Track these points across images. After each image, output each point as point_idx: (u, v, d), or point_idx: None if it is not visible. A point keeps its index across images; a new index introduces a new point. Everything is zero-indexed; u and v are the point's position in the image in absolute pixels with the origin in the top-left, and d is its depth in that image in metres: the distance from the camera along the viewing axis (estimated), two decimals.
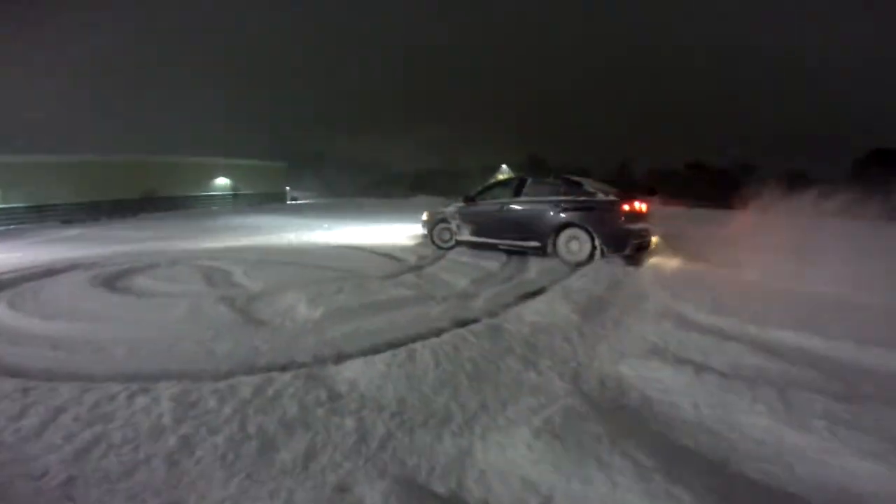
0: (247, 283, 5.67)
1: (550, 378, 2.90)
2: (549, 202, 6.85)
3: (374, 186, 41.36)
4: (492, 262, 6.64)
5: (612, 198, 6.56)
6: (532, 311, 4.29)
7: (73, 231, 18.07)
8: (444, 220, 7.98)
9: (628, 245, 6.39)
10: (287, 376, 2.77)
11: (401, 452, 2.14)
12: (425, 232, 8.47)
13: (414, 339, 3.55)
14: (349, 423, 2.33)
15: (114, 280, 6.26)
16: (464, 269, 6.20)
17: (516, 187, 7.28)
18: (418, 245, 8.68)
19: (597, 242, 6.41)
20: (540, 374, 2.94)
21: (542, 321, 4.00)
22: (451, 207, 7.98)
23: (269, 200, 34.09)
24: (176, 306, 4.52)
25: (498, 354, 3.23)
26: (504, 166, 46.59)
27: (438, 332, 3.71)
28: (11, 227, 22.47)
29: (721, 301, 4.46)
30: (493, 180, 10.61)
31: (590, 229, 6.45)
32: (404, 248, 8.29)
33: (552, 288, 5.26)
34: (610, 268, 6.21)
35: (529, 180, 7.25)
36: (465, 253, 7.48)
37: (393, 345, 3.46)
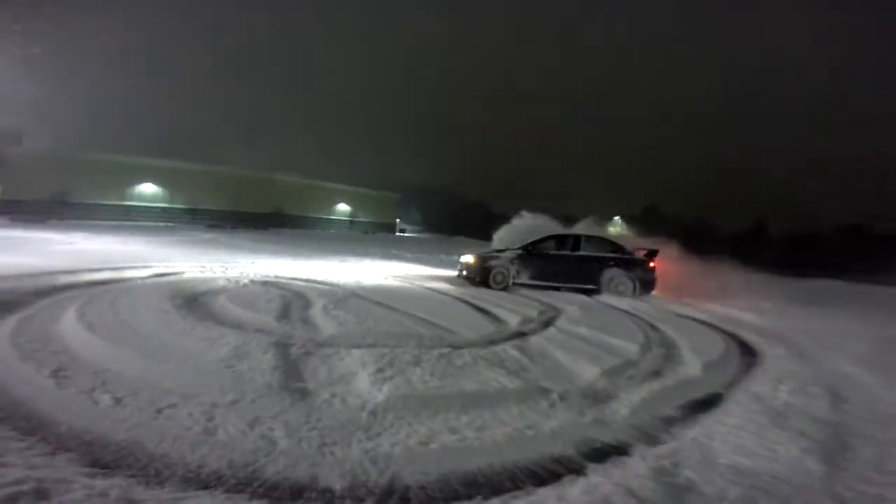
0: (320, 323, 4.83)
1: None
2: (602, 257, 9.13)
3: (477, 226, 40.73)
4: (626, 343, 4.88)
5: (643, 256, 9.18)
6: (725, 441, 2.63)
7: (209, 235, 20.22)
8: (498, 265, 9.03)
9: (654, 287, 8.98)
10: None
11: None
12: (464, 273, 9.37)
13: (513, 483, 2.12)
14: None
15: (197, 295, 5.88)
16: (586, 348, 4.57)
17: (573, 243, 9.37)
18: (517, 299, 7.49)
19: (637, 285, 8.81)
20: None
21: (751, 466, 2.32)
22: (508, 254, 9.20)
23: (381, 229, 35.27)
24: (224, 343, 3.69)
25: None
26: (617, 218, 43.65)
27: (557, 472, 2.23)
28: (171, 224, 26.05)
29: None
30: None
31: (633, 277, 8.88)
32: (502, 302, 6.93)
33: (734, 395, 3.56)
34: (814, 364, 4.68)
35: (583, 238, 9.46)
36: (581, 321, 5.79)
37: (476, 487, 2.07)
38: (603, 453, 2.50)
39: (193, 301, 5.52)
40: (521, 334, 5.03)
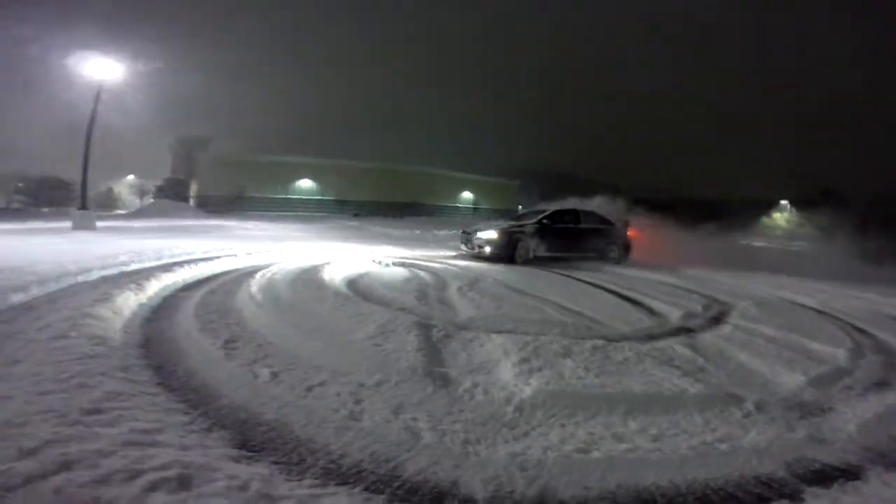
0: (457, 305, 4.76)
1: None
2: (597, 228, 9.93)
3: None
4: (830, 347, 3.82)
5: (622, 226, 10.51)
6: None
7: (354, 223, 22.44)
8: (522, 240, 9.04)
9: (631, 251, 10.36)
10: None
11: None
12: (486, 250, 8.97)
13: None
14: None
15: (348, 275, 6.19)
16: (777, 350, 3.65)
17: (575, 217, 9.91)
18: (667, 289, 6.53)
19: (622, 250, 10.10)
20: None
21: None
22: (528, 228, 9.21)
23: (503, 216, 35.07)
24: (371, 321, 3.76)
25: None
26: (784, 202, 37.11)
27: (765, 496, 1.78)
28: (323, 214, 29.37)
29: None
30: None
31: (620, 243, 10.14)
32: (650, 291, 6.05)
33: None
34: None
35: (581, 212, 10.10)
36: (763, 320, 4.69)
37: None
38: (826, 476, 1.93)
39: (344, 280, 5.82)
40: (686, 330, 4.27)
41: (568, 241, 9.54)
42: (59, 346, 2.82)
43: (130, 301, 4.28)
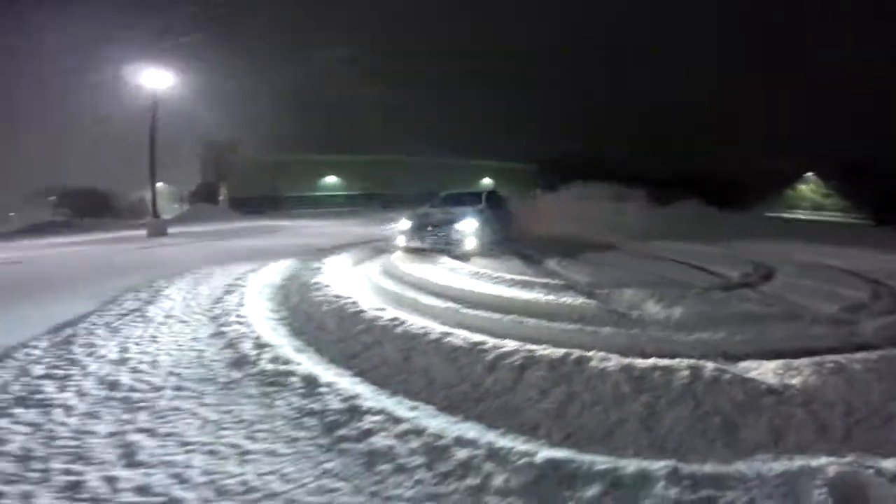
0: (568, 274, 6.24)
1: None
2: (507, 209, 10.94)
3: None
4: (855, 291, 5.42)
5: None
6: None
7: (392, 214, 23.86)
8: (490, 226, 9.05)
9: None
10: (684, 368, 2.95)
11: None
12: (471, 246, 8.31)
13: (805, 353, 3.32)
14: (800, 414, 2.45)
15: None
16: (816, 294, 5.27)
17: (501, 199, 11.14)
18: (721, 257, 8.00)
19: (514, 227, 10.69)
20: None
21: None
22: (486, 214, 9.42)
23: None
24: (535, 287, 5.38)
25: None
26: (810, 174, 37.28)
27: (831, 352, 3.35)
28: (353, 208, 30.95)
29: None
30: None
31: (512, 222, 10.77)
32: (709, 260, 7.60)
33: None
34: None
35: (496, 193, 11.51)
36: (802, 276, 6.32)
37: (780, 354, 3.33)
38: (860, 347, 3.55)
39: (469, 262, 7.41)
40: (746, 284, 5.89)
41: (502, 223, 9.92)
42: None
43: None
